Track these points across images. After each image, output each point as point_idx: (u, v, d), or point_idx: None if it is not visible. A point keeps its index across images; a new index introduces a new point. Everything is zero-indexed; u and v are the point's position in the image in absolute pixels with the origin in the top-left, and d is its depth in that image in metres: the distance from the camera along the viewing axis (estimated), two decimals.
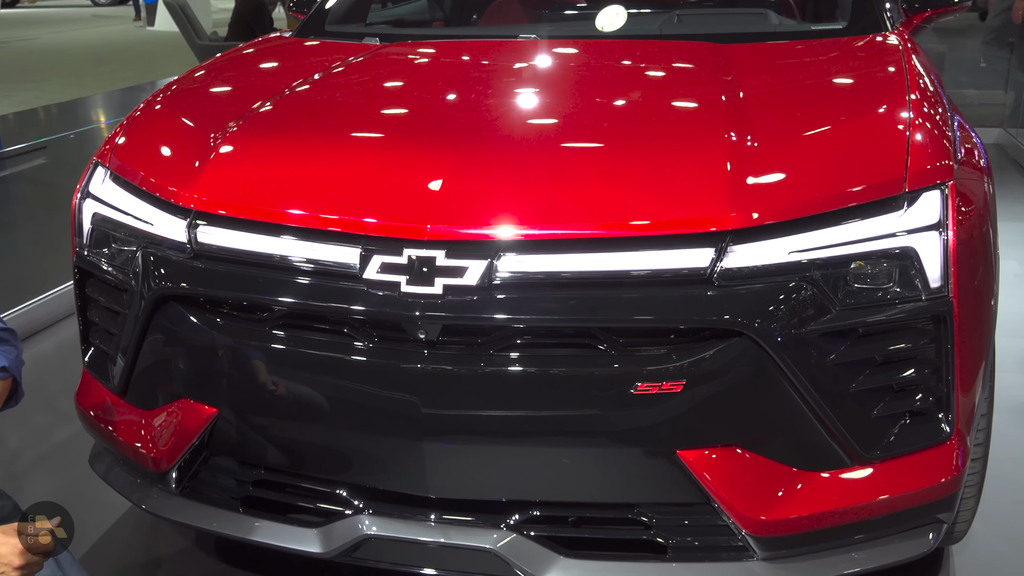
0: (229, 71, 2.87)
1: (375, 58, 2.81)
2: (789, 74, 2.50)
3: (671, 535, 1.92)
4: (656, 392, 1.79)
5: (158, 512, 2.18)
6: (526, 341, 1.85)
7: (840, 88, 2.38)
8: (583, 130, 2.17)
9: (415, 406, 1.85)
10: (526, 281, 1.83)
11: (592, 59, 2.76)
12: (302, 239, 1.93)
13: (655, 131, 2.12)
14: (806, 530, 1.90)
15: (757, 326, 1.77)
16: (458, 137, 2.13)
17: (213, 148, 2.14)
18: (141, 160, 2.24)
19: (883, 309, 1.84)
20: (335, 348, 1.91)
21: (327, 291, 1.89)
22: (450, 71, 2.78)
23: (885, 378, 1.88)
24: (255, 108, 2.33)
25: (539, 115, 2.31)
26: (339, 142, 2.18)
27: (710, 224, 1.81)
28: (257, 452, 2.08)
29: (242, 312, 2.01)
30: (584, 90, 2.49)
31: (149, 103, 2.54)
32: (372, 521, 1.99)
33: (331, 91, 2.53)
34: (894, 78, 2.29)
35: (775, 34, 2.81)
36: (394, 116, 2.35)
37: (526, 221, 1.85)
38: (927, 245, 1.86)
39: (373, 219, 1.89)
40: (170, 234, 2.05)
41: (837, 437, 1.86)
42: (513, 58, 2.79)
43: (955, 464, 1.94)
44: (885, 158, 1.94)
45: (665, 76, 2.60)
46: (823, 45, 2.72)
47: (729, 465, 1.86)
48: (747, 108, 2.14)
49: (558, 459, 1.90)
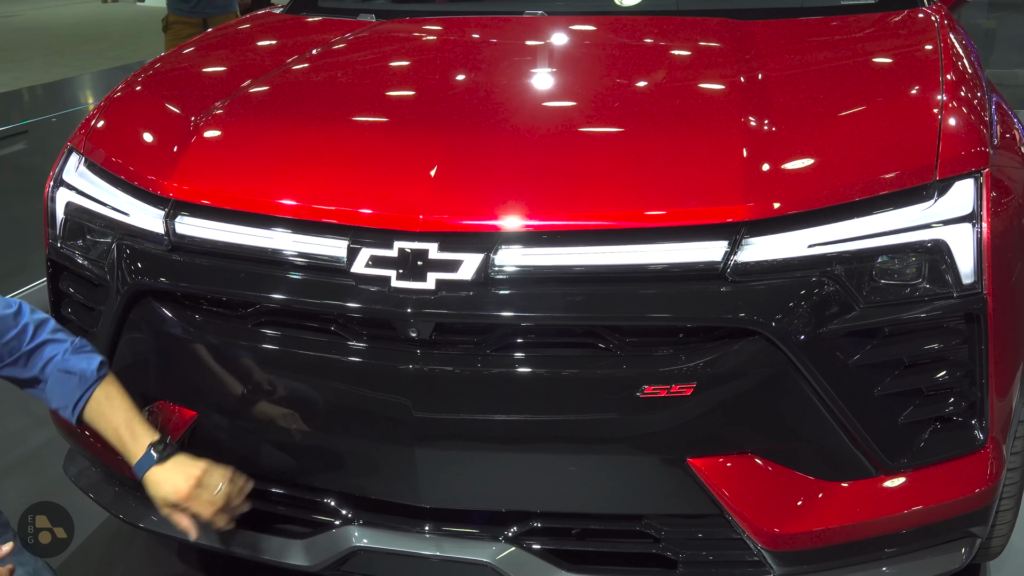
0: (212, 50, 2.88)
1: (369, 36, 2.81)
2: (813, 53, 2.49)
3: (681, 549, 1.93)
4: (665, 395, 1.79)
5: (135, 521, 2.20)
6: (525, 341, 1.85)
7: (867, 68, 2.36)
8: (588, 114, 2.17)
9: (406, 409, 1.86)
10: (525, 276, 1.83)
11: (601, 38, 2.76)
12: (286, 231, 1.93)
13: (666, 115, 2.11)
14: (826, 544, 1.90)
15: (773, 325, 1.77)
16: (455, 122, 2.13)
17: (193, 133, 2.15)
18: (117, 146, 2.25)
19: (911, 307, 1.83)
20: (321, 347, 1.92)
21: (313, 286, 1.90)
22: (448, 50, 2.78)
23: (913, 381, 1.87)
24: (238, 90, 2.34)
25: (541, 98, 2.31)
26: (327, 127, 2.18)
27: (723, 215, 1.81)
28: (240, 458, 2.09)
29: (223, 309, 2.02)
30: (590, 71, 2.48)
31: (127, 84, 2.55)
32: (362, 532, 2.00)
33: (320, 72, 2.54)
34: (927, 58, 2.27)
35: (800, 9, 2.79)
36: (387, 99, 2.35)
37: (526, 211, 1.85)
38: (959, 238, 1.85)
39: (361, 209, 1.89)
40: (147, 225, 2.06)
41: (860, 445, 1.86)
42: (515, 37, 2.79)
43: (989, 474, 1.93)
44: (914, 144, 1.93)
45: (679, 56, 2.59)
46: (852, 21, 2.71)
47: (743, 474, 1.86)
48: (766, 90, 2.13)
49: (560, 467, 1.90)
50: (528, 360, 1.84)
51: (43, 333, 1.93)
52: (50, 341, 1.93)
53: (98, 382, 1.92)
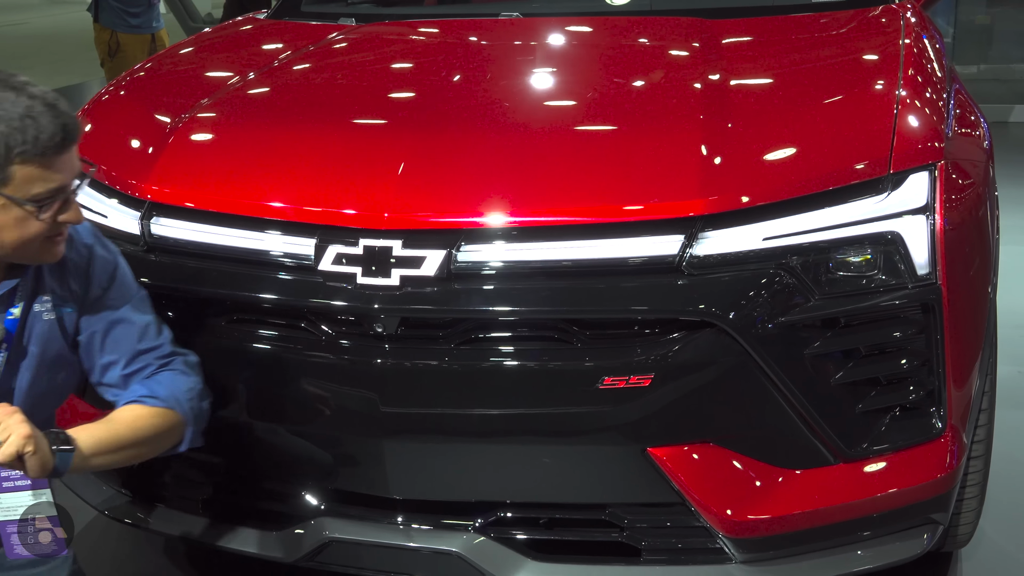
0: (192, 56, 2.93)
1: (343, 41, 2.86)
2: (776, 51, 2.53)
3: (645, 537, 1.96)
4: (624, 386, 1.83)
5: (119, 516, 2.24)
6: (489, 335, 1.89)
7: (828, 65, 2.40)
8: (549, 113, 2.21)
9: (374, 403, 1.90)
10: (487, 271, 1.87)
11: (571, 39, 2.80)
12: (256, 230, 1.98)
13: (625, 113, 2.15)
14: (787, 531, 1.93)
15: (728, 316, 1.80)
16: (419, 122, 2.17)
17: (167, 136, 2.20)
18: (97, 149, 2.29)
19: (866, 297, 1.87)
20: (293, 343, 1.96)
21: (283, 284, 1.94)
22: (420, 53, 2.83)
23: (870, 371, 1.91)
24: (213, 95, 2.38)
25: (506, 98, 2.35)
26: (298, 129, 2.23)
27: (679, 209, 1.85)
28: (217, 453, 2.13)
29: (199, 307, 2.06)
30: (556, 72, 2.53)
31: (109, 89, 2.60)
32: (335, 524, 2.03)
33: (292, 76, 2.59)
34: (887, 54, 2.31)
35: (769, 8, 2.83)
36: (357, 101, 2.40)
37: (488, 209, 1.89)
38: (913, 229, 1.88)
39: (329, 208, 1.94)
40: (123, 226, 2.11)
41: (818, 434, 1.89)
42: (487, 39, 2.83)
43: (949, 461, 1.96)
44: (869, 139, 1.96)
45: (643, 55, 2.63)
46: (819, 19, 2.74)
47: (703, 463, 1.90)
48: (727, 88, 2.17)
49: (525, 457, 1.94)
50: (491, 353, 1.88)
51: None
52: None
53: None
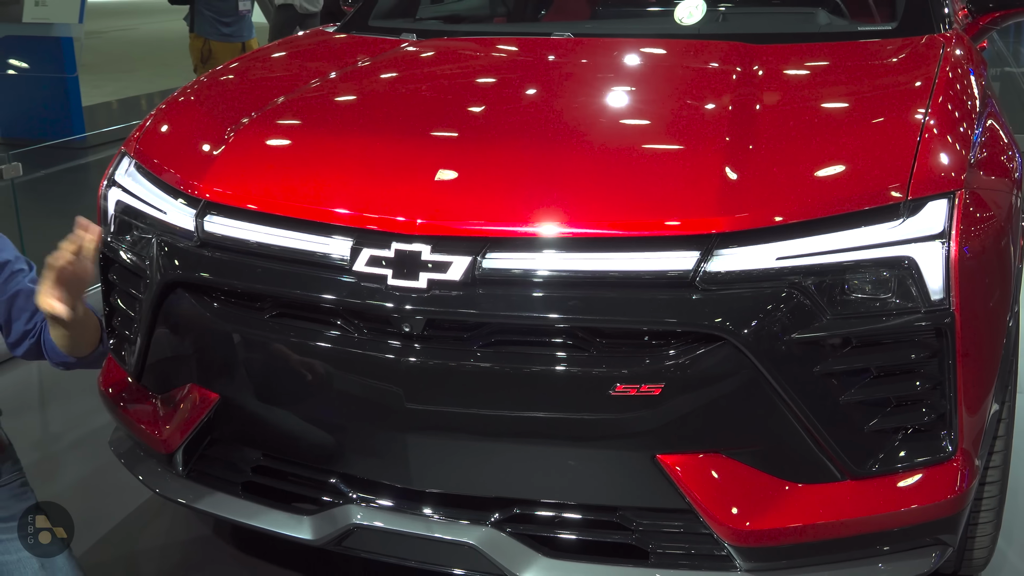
0: (257, 67, 3.09)
1: (398, 56, 2.98)
2: (811, 77, 2.57)
3: (654, 541, 2.02)
4: (634, 394, 1.90)
5: (167, 494, 2.38)
6: (509, 339, 1.98)
7: (859, 93, 2.43)
8: (581, 130, 2.30)
9: (399, 398, 2.00)
10: (511, 278, 1.95)
11: (613, 59, 2.88)
12: (298, 230, 2.10)
13: (652, 133, 2.23)
14: (792, 543, 1.98)
15: (739, 332, 1.86)
16: (457, 134, 2.28)
17: (225, 141, 2.34)
18: (161, 150, 2.45)
19: (878, 320, 1.91)
20: (326, 339, 2.07)
21: (319, 282, 2.06)
22: (463, 69, 2.94)
23: (880, 392, 1.94)
24: (268, 104, 2.52)
25: (540, 114, 2.45)
26: (342, 138, 2.35)
27: (696, 226, 1.91)
28: (256, 438, 2.26)
29: (242, 300, 2.19)
30: (594, 90, 2.61)
31: (176, 95, 2.76)
32: (359, 511, 2.14)
33: (343, 88, 2.72)
34: (919, 82, 2.33)
35: (816, 35, 2.86)
36: (401, 112, 2.51)
37: (514, 219, 1.98)
38: (928, 255, 1.92)
39: (365, 212, 2.05)
40: (180, 223, 2.26)
41: (826, 450, 1.93)
42: (533, 56, 2.93)
43: (958, 484, 1.98)
44: (889, 165, 2.00)
45: (682, 77, 2.69)
46: (860, 47, 2.77)
47: (711, 472, 1.96)
48: (756, 112, 2.23)
49: (540, 457, 2.03)
50: (511, 356, 1.97)
51: None
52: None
53: None
